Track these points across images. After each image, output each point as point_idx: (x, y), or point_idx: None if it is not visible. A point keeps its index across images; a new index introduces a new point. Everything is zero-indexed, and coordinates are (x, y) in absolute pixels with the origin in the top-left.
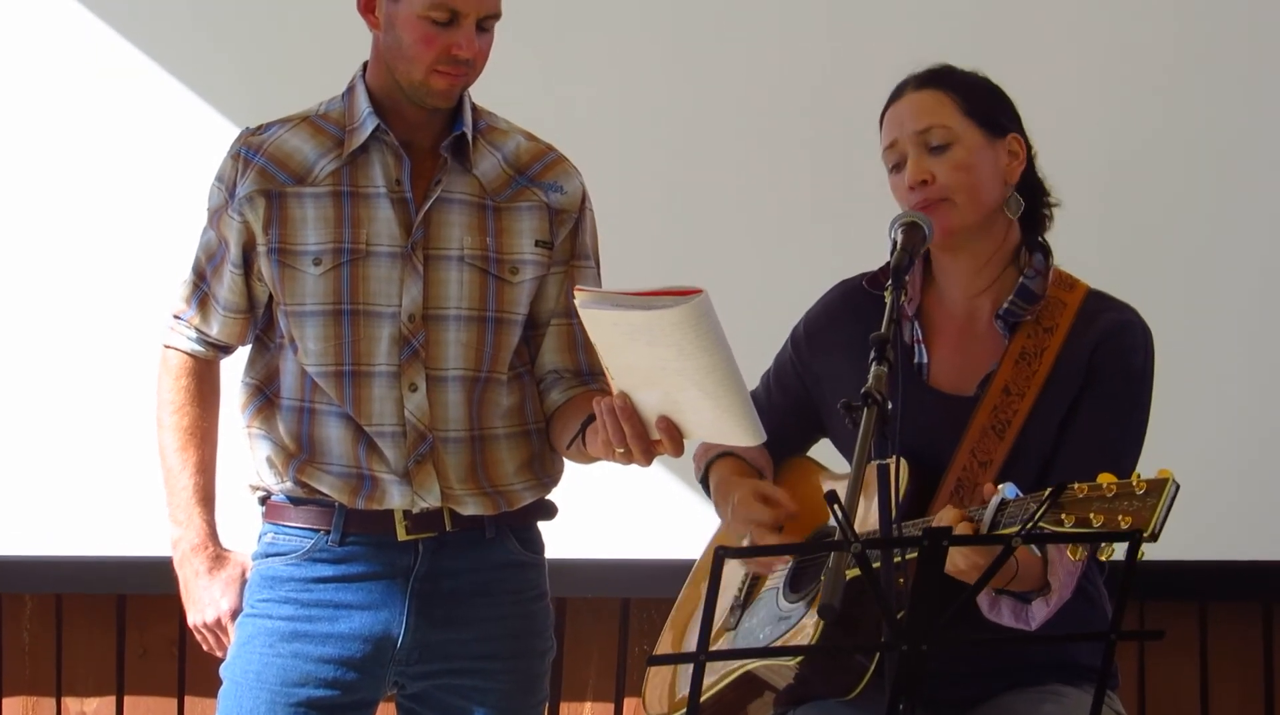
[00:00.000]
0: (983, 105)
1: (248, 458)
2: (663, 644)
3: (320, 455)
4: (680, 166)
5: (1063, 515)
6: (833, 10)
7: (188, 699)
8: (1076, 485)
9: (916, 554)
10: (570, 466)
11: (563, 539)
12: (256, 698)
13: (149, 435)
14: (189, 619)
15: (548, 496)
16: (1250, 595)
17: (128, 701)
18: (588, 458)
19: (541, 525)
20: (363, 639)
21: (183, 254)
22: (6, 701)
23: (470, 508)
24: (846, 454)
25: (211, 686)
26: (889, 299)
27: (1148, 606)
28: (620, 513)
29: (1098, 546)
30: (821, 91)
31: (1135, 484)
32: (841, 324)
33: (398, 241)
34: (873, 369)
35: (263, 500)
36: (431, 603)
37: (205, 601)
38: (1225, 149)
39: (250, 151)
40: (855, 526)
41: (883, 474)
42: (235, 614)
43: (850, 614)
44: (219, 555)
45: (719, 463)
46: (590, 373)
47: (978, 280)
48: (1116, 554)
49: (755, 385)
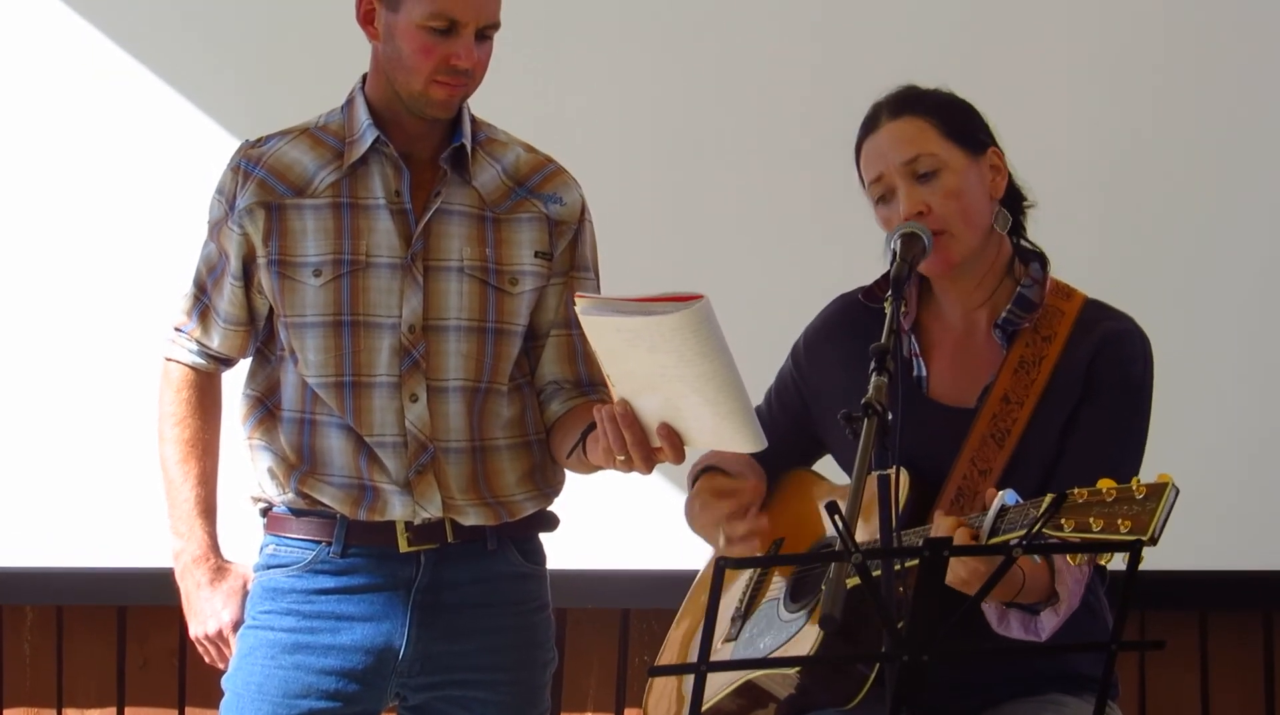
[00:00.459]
0: (960, 124)
1: (249, 469)
2: (666, 655)
3: (321, 466)
4: (678, 174)
5: (1062, 520)
6: (826, 16)
7: (188, 711)
8: (1076, 491)
9: (917, 563)
10: (571, 477)
11: (563, 550)
12: (258, 709)
13: (150, 447)
14: (190, 631)
15: (549, 507)
16: (1250, 605)
17: (128, 713)
18: (588, 467)
19: (542, 536)
20: (364, 650)
21: (184, 265)
22: (7, 713)
23: (472, 518)
24: (847, 467)
25: (212, 698)
26: (889, 310)
27: (1148, 616)
28: (621, 524)
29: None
30: (818, 98)
31: (1135, 489)
32: (839, 339)
33: (397, 253)
34: (873, 380)
35: (264, 512)
36: (433, 614)
37: (207, 613)
38: (1221, 153)
39: (250, 164)
40: (855, 537)
41: (883, 484)
42: (237, 626)
43: (850, 624)
44: (220, 567)
45: (704, 477)
46: (590, 383)
47: (975, 296)
48: (1116, 561)
49: (757, 397)
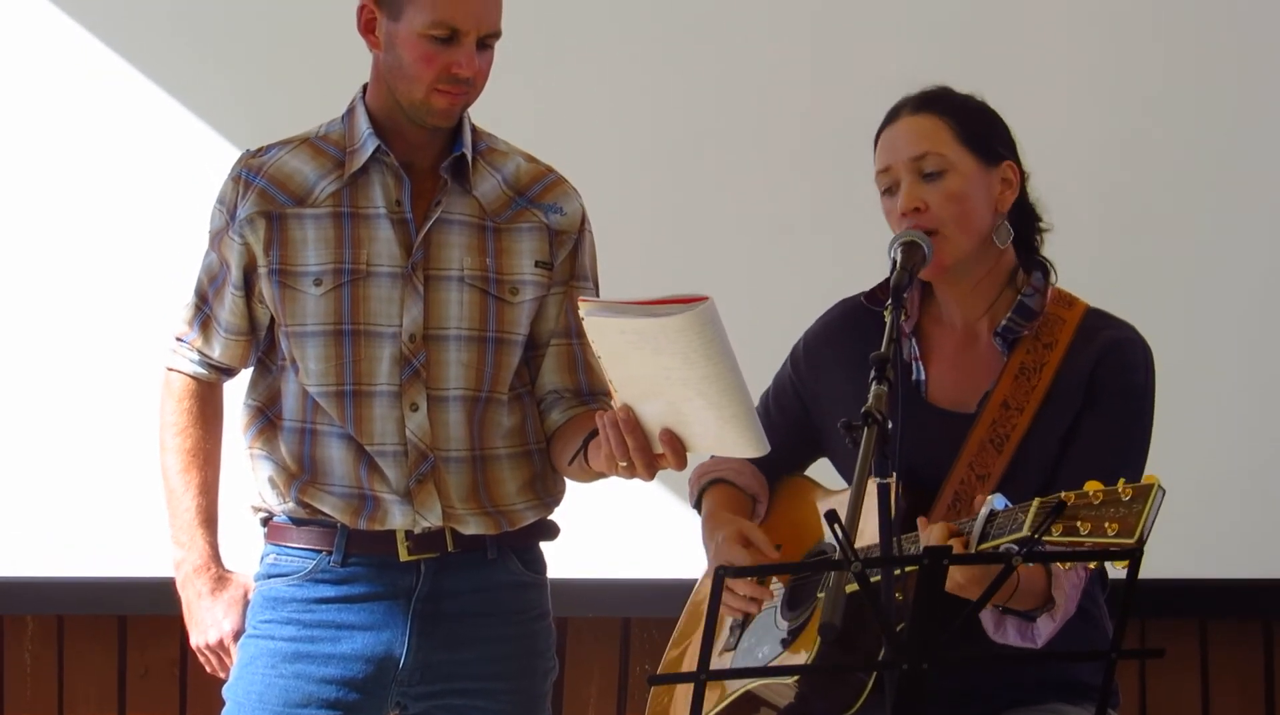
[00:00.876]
0: (979, 132)
1: (250, 479)
2: (666, 664)
3: (322, 476)
4: (677, 180)
5: (1050, 524)
6: (823, 22)
7: None
8: (1064, 494)
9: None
10: (571, 486)
11: (564, 559)
12: None
13: (151, 457)
14: (191, 640)
15: (549, 516)
16: (1251, 613)
17: None
18: (590, 475)
19: (543, 545)
20: (365, 659)
21: (185, 275)
22: None
23: (472, 527)
24: (845, 473)
25: (213, 707)
26: (889, 318)
27: (1148, 625)
28: (621, 533)
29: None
30: (817, 103)
31: (1121, 491)
32: (841, 342)
33: (398, 262)
34: (872, 388)
35: (265, 521)
36: (434, 623)
37: (208, 622)
38: (1222, 160)
39: (250, 173)
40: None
41: (882, 493)
42: (238, 635)
43: (849, 631)
44: (221, 576)
45: (711, 491)
46: (590, 393)
47: (975, 303)
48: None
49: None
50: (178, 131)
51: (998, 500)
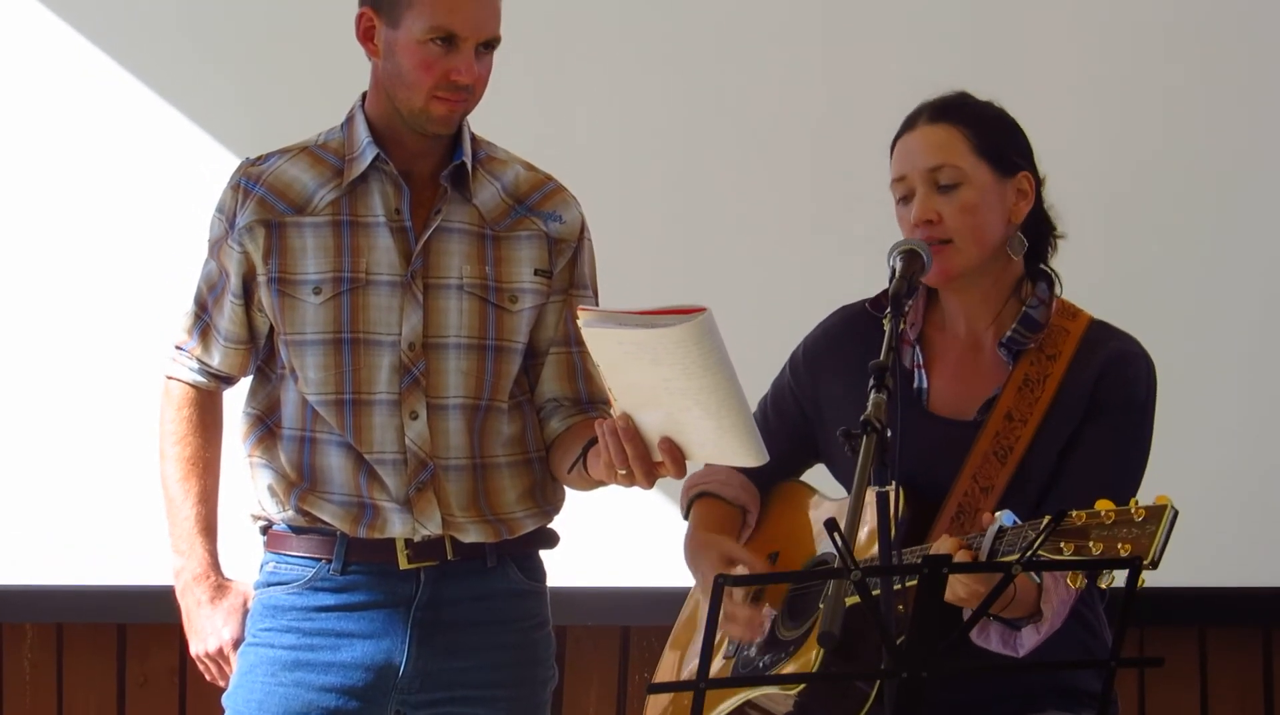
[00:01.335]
0: (995, 142)
1: (249, 487)
2: (663, 667)
3: (321, 484)
4: (679, 188)
5: (1061, 543)
6: (831, 31)
7: None
8: (1075, 512)
9: (916, 581)
10: (571, 495)
11: (563, 567)
12: None
13: (151, 465)
14: (191, 648)
15: (549, 525)
16: (1250, 621)
17: None
18: (589, 483)
19: (542, 553)
20: (365, 668)
21: (185, 282)
22: None
23: (472, 535)
24: (844, 480)
25: None
26: (888, 327)
27: (1147, 633)
28: (621, 541)
29: (1098, 574)
30: (821, 109)
31: (1134, 511)
32: (842, 349)
33: (397, 270)
34: (871, 397)
35: (264, 529)
36: (433, 631)
37: (207, 631)
38: (1225, 175)
39: (250, 182)
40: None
41: (881, 501)
42: (237, 643)
43: (849, 642)
44: (221, 585)
45: (698, 504)
46: (590, 401)
47: (980, 312)
48: (1117, 581)
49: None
50: (178, 138)
51: (1006, 517)
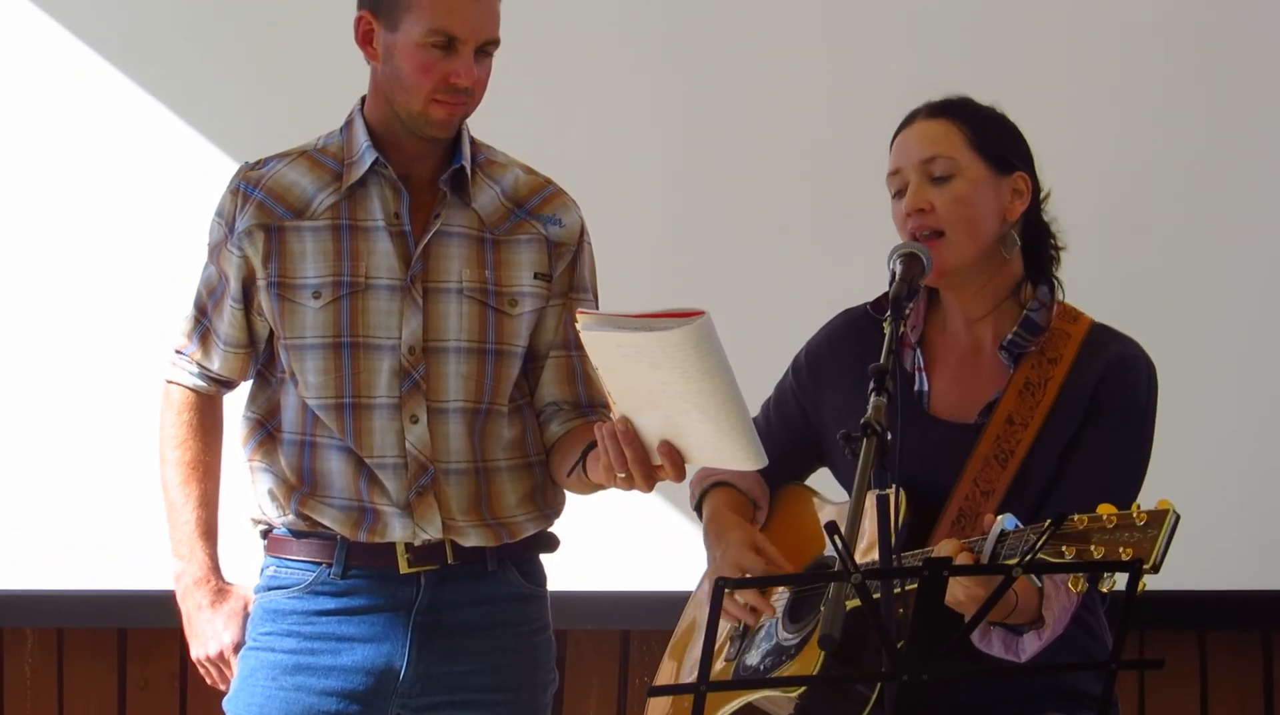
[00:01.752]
0: (992, 140)
1: (249, 491)
2: (662, 674)
3: (321, 488)
4: (678, 190)
5: (1063, 547)
6: (832, 33)
7: None
8: (1076, 516)
9: (916, 584)
10: (571, 499)
11: (564, 571)
12: None
13: (151, 469)
14: (192, 652)
15: (549, 528)
16: (1250, 624)
17: None
18: (589, 486)
19: (543, 557)
20: (365, 671)
21: (185, 285)
22: None
23: (472, 539)
24: (846, 483)
25: None
26: (888, 330)
27: (1148, 636)
28: (621, 545)
29: (1099, 578)
30: (821, 112)
31: (1135, 515)
32: (844, 352)
33: (397, 274)
34: (871, 400)
35: (264, 533)
36: (434, 635)
37: (208, 635)
38: (1224, 176)
39: (249, 186)
40: (855, 557)
41: (882, 504)
42: (238, 647)
43: (850, 644)
44: (221, 588)
45: (714, 493)
46: (589, 405)
47: (975, 308)
48: (1118, 585)
49: (755, 412)
50: (176, 142)
51: (1008, 520)
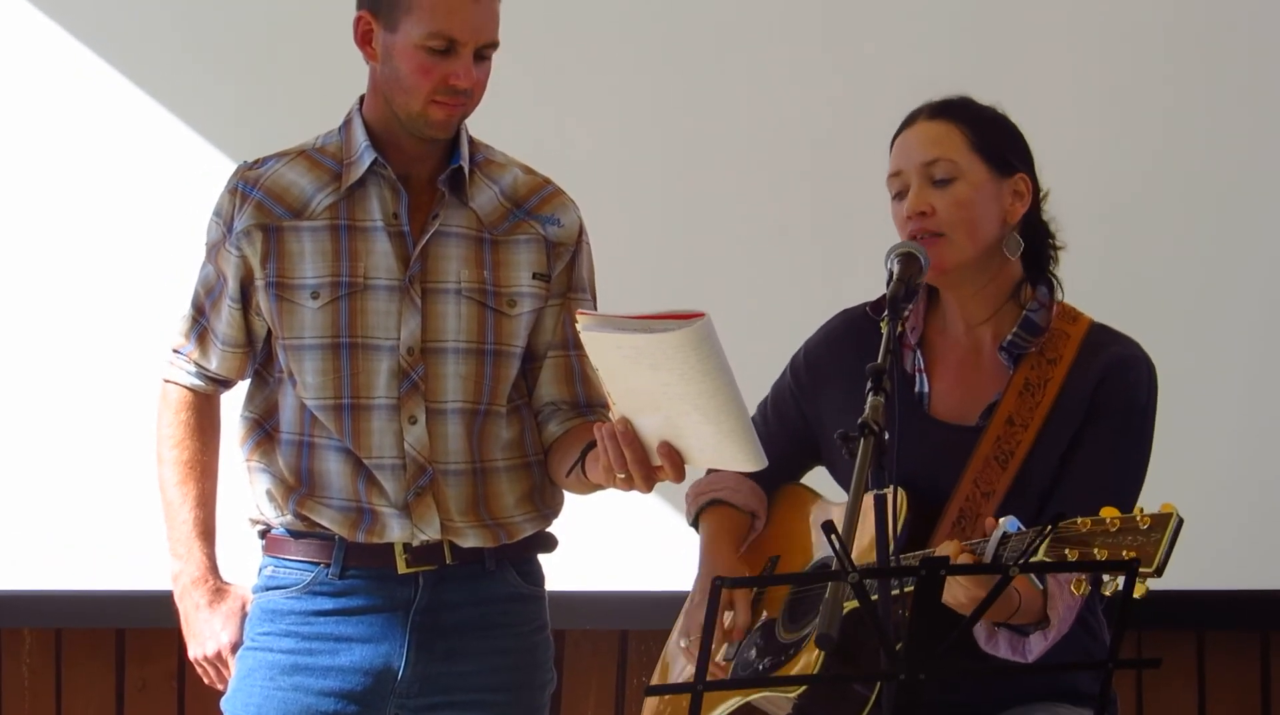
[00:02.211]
0: (993, 142)
1: (247, 491)
2: (660, 674)
3: (320, 489)
4: (678, 191)
5: (1066, 550)
6: (832, 34)
7: None
8: (1080, 520)
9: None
10: (570, 499)
11: (562, 571)
12: None
13: (149, 469)
14: (190, 652)
15: (548, 529)
16: (1247, 624)
17: None
18: (588, 486)
19: (541, 557)
20: (363, 672)
21: (183, 284)
22: None
23: (470, 540)
24: (844, 483)
25: None
26: (885, 330)
27: (1146, 635)
28: (619, 545)
29: (1101, 581)
30: (822, 113)
31: (1139, 519)
32: (843, 352)
33: (395, 275)
34: (869, 399)
35: (262, 534)
36: (432, 636)
37: (206, 635)
38: (1227, 179)
39: (247, 186)
40: (853, 557)
41: (879, 504)
42: (236, 647)
43: (849, 645)
44: (219, 588)
45: (708, 513)
46: (588, 405)
47: (976, 310)
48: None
49: (752, 412)
50: (173, 142)
51: (1010, 523)
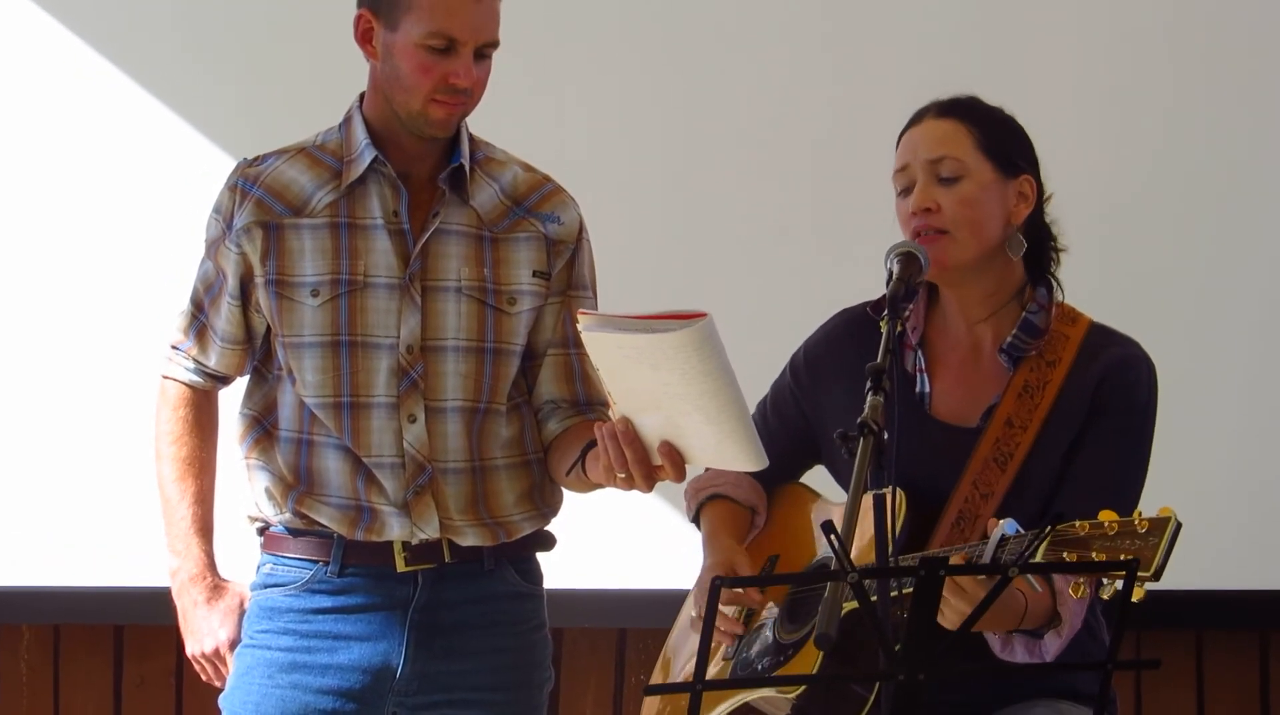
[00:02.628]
0: (1000, 143)
1: (246, 488)
2: (659, 674)
3: (319, 487)
4: (679, 190)
5: (1064, 552)
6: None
7: None
8: (1079, 523)
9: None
10: (569, 497)
11: (560, 570)
12: None
13: (147, 466)
14: (187, 649)
15: (546, 527)
16: (1246, 625)
17: None
18: (587, 485)
19: (540, 556)
20: (362, 670)
21: (182, 281)
22: None
23: (469, 539)
24: (844, 483)
25: None
26: (885, 329)
27: (1145, 636)
28: (618, 544)
29: (1100, 584)
30: (822, 112)
31: (1137, 522)
32: (842, 352)
33: (395, 273)
34: (869, 399)
35: (261, 531)
36: (430, 634)
37: (204, 632)
38: (1227, 179)
39: (247, 183)
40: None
41: (879, 504)
42: (234, 644)
43: (848, 645)
44: (217, 585)
45: (709, 507)
46: (587, 403)
47: (976, 310)
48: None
49: (752, 412)
50: (174, 139)
51: (1009, 525)
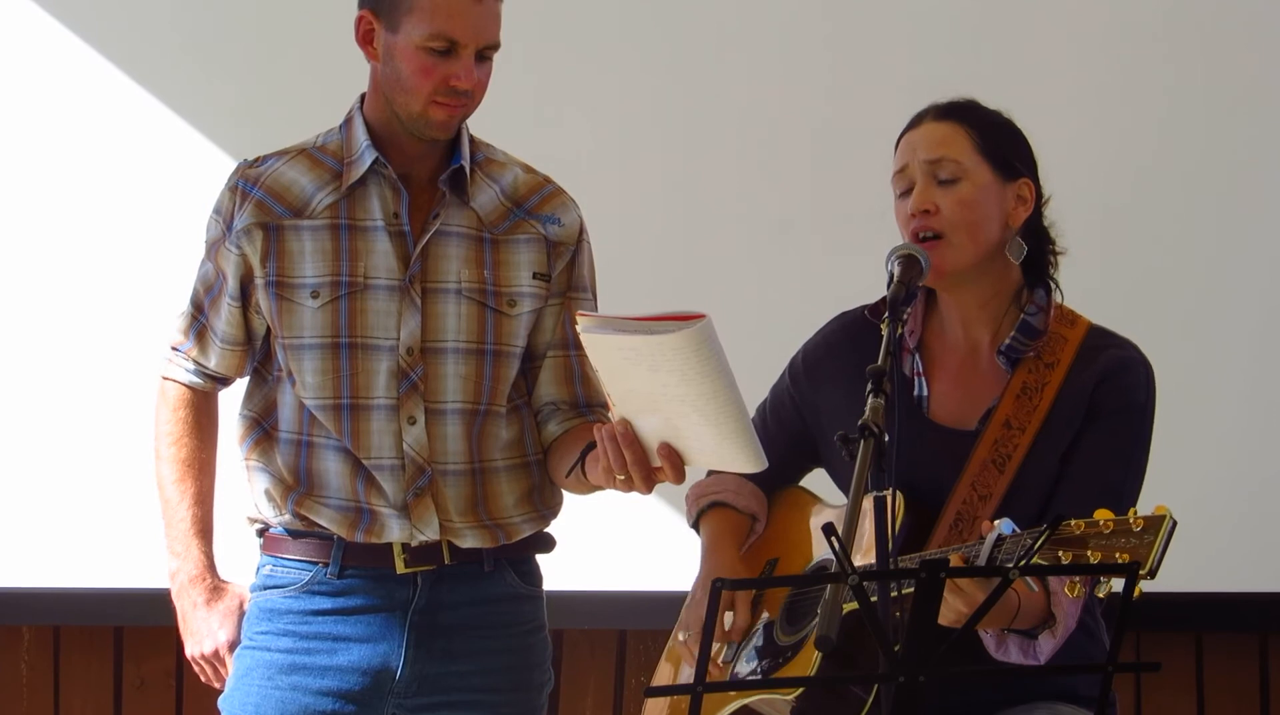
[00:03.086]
0: (999, 146)
1: (246, 489)
2: (660, 676)
3: (318, 488)
4: (679, 191)
5: (1060, 552)
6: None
7: None
8: (1074, 522)
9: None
10: (568, 499)
11: (560, 571)
12: None
13: (147, 467)
14: (187, 650)
15: (546, 529)
16: (1246, 627)
17: None
18: (587, 487)
19: (539, 557)
20: (361, 671)
21: (182, 283)
22: None
23: (469, 541)
24: (843, 486)
25: None
26: (885, 332)
27: (1144, 638)
28: (617, 545)
29: (1096, 582)
30: (822, 114)
31: (1132, 521)
32: (841, 355)
33: (395, 274)
34: (869, 401)
35: (261, 532)
36: (430, 635)
37: (203, 633)
38: (1225, 180)
39: (248, 184)
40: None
41: (879, 506)
42: (233, 645)
43: (848, 647)
44: (217, 586)
45: (709, 515)
46: (587, 405)
47: (978, 316)
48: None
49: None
50: (174, 139)
51: (1005, 525)
